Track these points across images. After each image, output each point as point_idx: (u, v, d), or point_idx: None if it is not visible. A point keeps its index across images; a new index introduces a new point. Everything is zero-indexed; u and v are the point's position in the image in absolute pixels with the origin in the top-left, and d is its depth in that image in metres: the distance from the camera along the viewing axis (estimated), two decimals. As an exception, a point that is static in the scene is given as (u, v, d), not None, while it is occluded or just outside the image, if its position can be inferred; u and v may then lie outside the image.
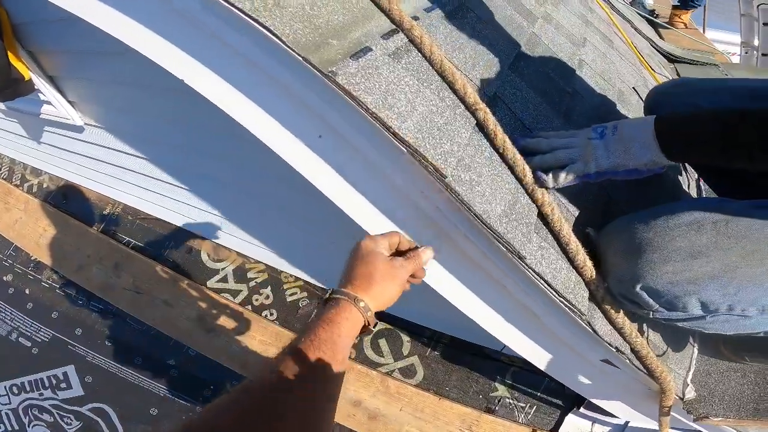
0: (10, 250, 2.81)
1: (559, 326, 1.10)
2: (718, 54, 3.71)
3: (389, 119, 0.79)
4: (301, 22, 0.84)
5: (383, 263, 0.77)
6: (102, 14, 0.99)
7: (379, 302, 0.76)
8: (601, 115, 1.53)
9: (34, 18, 1.82)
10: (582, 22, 2.22)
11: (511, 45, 1.35)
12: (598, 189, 1.29)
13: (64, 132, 2.41)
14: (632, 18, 3.72)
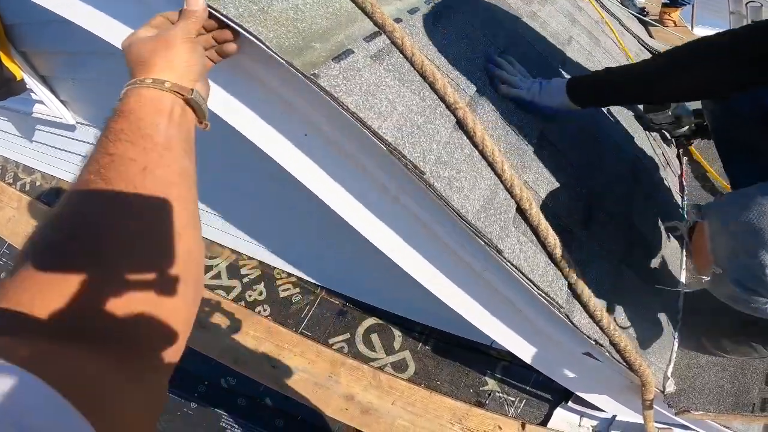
0: (4, 248, 2.84)
1: (541, 319, 1.14)
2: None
3: (369, 119, 0.82)
4: (284, 26, 0.87)
5: (147, 41, 0.66)
6: (91, 17, 1.02)
7: (174, 70, 0.64)
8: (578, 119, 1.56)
9: (27, 19, 1.84)
10: (569, 21, 2.24)
11: (494, 44, 1.38)
12: (578, 184, 1.32)
13: (56, 131, 2.44)
14: (621, 16, 3.75)
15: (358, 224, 1.04)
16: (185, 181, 0.58)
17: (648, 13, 4.66)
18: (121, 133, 0.53)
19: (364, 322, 2.10)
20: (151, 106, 0.58)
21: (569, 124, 1.46)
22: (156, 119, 0.57)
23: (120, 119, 0.56)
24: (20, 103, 2.33)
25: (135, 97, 0.59)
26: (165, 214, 0.52)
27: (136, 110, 0.57)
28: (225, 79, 0.94)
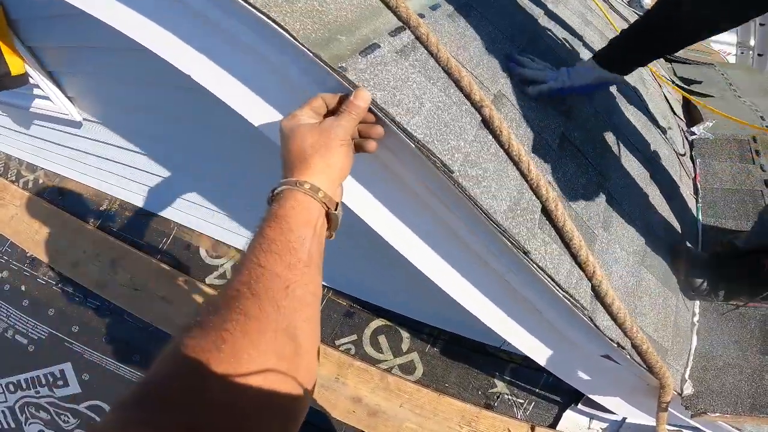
0: (6, 247, 2.80)
1: (560, 321, 1.11)
2: (714, 53, 3.74)
3: (398, 115, 0.79)
4: (310, 18, 0.85)
5: (309, 133, 0.69)
6: (110, 10, 0.99)
7: (328, 176, 0.68)
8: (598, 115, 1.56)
9: (34, 14, 1.82)
10: (581, 21, 2.23)
11: (514, 43, 1.37)
12: (598, 185, 1.30)
13: (61, 127, 2.41)
14: (630, 18, 3.74)
15: (375, 224, 1.01)
16: (316, 301, 0.62)
17: (656, 13, 4.66)
18: (272, 244, 0.59)
19: (372, 324, 2.08)
20: (302, 215, 0.63)
21: (588, 124, 1.44)
22: (303, 231, 0.62)
23: (274, 225, 0.61)
24: (20, 98, 2.30)
25: (291, 202, 0.64)
26: (295, 334, 0.57)
27: (288, 217, 0.62)
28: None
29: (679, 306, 1.43)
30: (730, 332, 1.47)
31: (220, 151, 1.79)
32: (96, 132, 2.24)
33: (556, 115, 1.28)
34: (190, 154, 1.96)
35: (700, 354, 1.42)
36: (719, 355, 1.43)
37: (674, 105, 2.52)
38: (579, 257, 1.01)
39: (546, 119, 1.23)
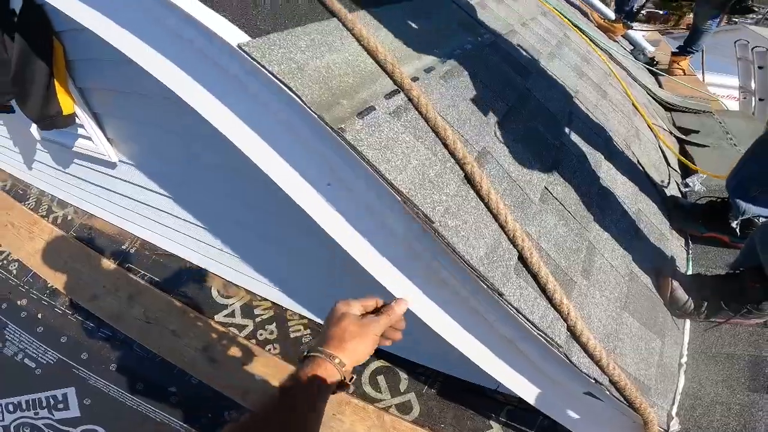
0: (29, 277, 2.94)
1: (542, 360, 1.19)
2: (714, 101, 3.83)
3: (387, 171, 0.92)
4: (318, 83, 1.00)
5: (354, 323, 0.86)
6: (154, 61, 1.15)
7: (352, 359, 0.84)
8: (583, 170, 1.66)
9: (88, 56, 1.98)
10: (576, 75, 2.37)
11: (503, 101, 1.50)
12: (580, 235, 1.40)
13: (96, 167, 2.58)
14: (631, 67, 3.87)
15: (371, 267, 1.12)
16: None
17: (657, 62, 4.76)
18: (299, 403, 0.75)
19: (371, 364, 2.15)
20: (326, 379, 0.78)
21: (573, 178, 1.56)
22: (323, 394, 0.78)
23: (297, 383, 0.78)
24: (64, 137, 2.46)
25: (320, 368, 0.79)
26: None
27: (315, 378, 0.78)
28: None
29: (665, 348, 1.49)
30: (718, 372, 1.53)
31: (238, 199, 1.94)
32: (128, 174, 2.40)
33: (540, 171, 1.40)
34: (211, 201, 2.12)
35: (687, 393, 1.47)
36: (707, 393, 1.48)
37: (670, 156, 2.60)
38: (554, 300, 1.10)
39: (529, 174, 1.35)
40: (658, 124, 2.92)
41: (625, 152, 2.13)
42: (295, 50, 1.05)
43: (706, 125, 3.18)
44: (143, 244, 2.81)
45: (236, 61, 1.02)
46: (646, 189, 2.02)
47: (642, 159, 2.22)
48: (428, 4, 1.77)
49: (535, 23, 2.75)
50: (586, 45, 3.31)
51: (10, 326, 2.78)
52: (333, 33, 1.19)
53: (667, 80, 4.25)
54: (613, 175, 1.86)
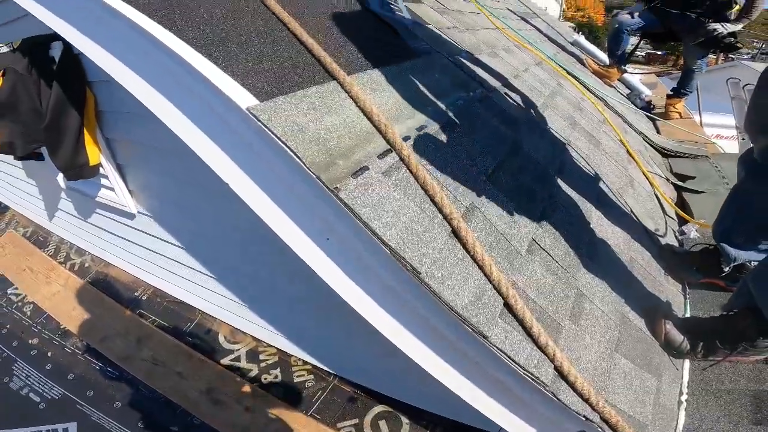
0: (42, 318, 3.05)
1: (533, 400, 1.23)
2: (710, 144, 3.92)
3: (378, 228, 1.02)
4: (317, 144, 1.12)
5: None
6: (174, 117, 1.28)
7: None
8: (573, 221, 1.75)
9: (118, 108, 2.11)
10: (568, 124, 2.48)
11: (493, 156, 1.61)
12: (567, 283, 1.47)
13: (116, 217, 2.72)
14: (627, 113, 3.98)
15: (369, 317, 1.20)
16: None
17: (654, 106, 4.87)
18: None
19: (374, 409, 2.19)
20: None
21: (562, 230, 1.64)
22: None
23: None
24: (88, 187, 2.59)
25: None
26: None
27: None
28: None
29: (662, 387, 1.53)
30: (720, 407, 1.57)
31: (246, 251, 2.05)
32: (146, 225, 2.54)
33: (527, 223, 1.49)
34: (222, 253, 2.24)
35: (689, 429, 1.52)
36: (709, 429, 1.53)
37: (666, 204, 2.67)
38: (539, 342, 1.16)
39: (516, 227, 1.44)
40: (654, 172, 3.00)
41: (618, 201, 2.21)
42: (298, 113, 1.17)
43: (702, 170, 3.26)
44: (155, 292, 2.93)
45: (244, 122, 1.14)
46: (639, 237, 2.09)
47: (636, 208, 2.30)
48: (426, 62, 1.91)
49: (529, 74, 2.89)
50: (580, 93, 3.44)
51: (19, 362, 2.86)
52: (332, 96, 1.31)
53: (663, 124, 4.35)
54: (605, 224, 1.94)
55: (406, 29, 2.13)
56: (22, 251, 3.62)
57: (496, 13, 4.24)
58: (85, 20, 1.35)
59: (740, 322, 1.55)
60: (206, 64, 1.18)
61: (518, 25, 4.73)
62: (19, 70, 2.07)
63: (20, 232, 3.83)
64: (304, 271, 1.20)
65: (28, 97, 2.11)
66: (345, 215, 1.05)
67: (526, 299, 1.28)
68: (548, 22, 6.59)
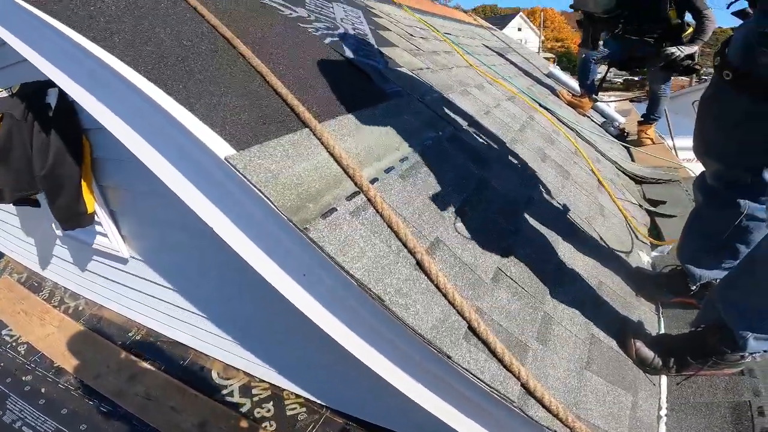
0: (36, 357, 3.12)
1: (505, 417, 1.29)
2: (681, 169, 4.07)
3: (344, 262, 1.13)
4: (289, 189, 1.24)
5: None
6: (160, 165, 1.39)
7: None
8: (540, 250, 1.85)
9: (112, 155, 2.19)
10: (539, 157, 2.61)
11: (459, 192, 1.73)
12: (534, 308, 1.57)
13: (108, 262, 2.80)
14: (600, 142, 4.13)
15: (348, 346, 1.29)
16: None
17: (628, 133, 5.04)
18: None
19: (358, 437, 2.25)
20: None
21: (528, 258, 1.74)
22: None
23: None
24: (84, 234, 2.66)
25: None
26: None
27: None
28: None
29: (639, 402, 1.59)
30: (701, 420, 1.63)
31: (236, 290, 2.14)
32: (138, 269, 2.62)
33: (493, 255, 1.60)
34: (214, 294, 2.33)
35: None
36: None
37: (639, 228, 2.79)
38: (504, 361, 1.25)
39: (481, 258, 1.55)
40: (626, 199, 3.13)
41: (587, 229, 2.31)
42: (272, 161, 1.29)
43: (673, 195, 3.40)
44: (149, 332, 2.99)
45: (223, 169, 1.25)
46: (608, 262, 2.18)
47: (606, 234, 2.40)
48: (396, 105, 2.04)
49: (500, 110, 3.04)
50: (553, 125, 3.60)
51: (12, 397, 2.90)
52: (304, 143, 1.44)
53: (637, 151, 4.52)
54: (573, 251, 2.04)
55: (378, 73, 2.26)
56: (17, 296, 3.68)
57: (471, 50, 4.44)
58: (77, 70, 1.48)
59: (708, 338, 1.62)
60: (187, 116, 1.30)
61: (493, 60, 4.93)
62: (15, 116, 2.10)
63: (15, 278, 3.90)
64: (288, 306, 1.29)
65: (22, 144, 2.14)
66: (316, 252, 1.16)
67: (491, 323, 1.37)
68: (524, 56, 6.86)
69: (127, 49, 1.44)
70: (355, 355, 1.29)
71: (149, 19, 1.64)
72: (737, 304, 1.53)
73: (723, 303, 1.58)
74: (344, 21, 2.89)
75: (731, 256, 1.79)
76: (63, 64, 1.51)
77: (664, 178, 3.74)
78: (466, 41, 5.04)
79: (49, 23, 1.43)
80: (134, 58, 1.41)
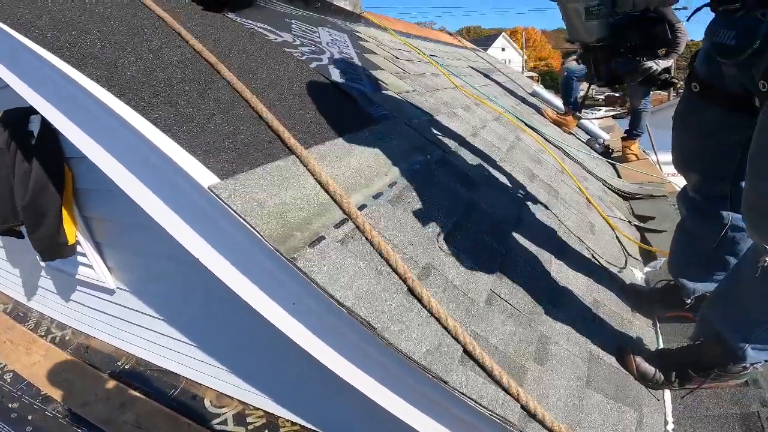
0: (22, 385, 3.06)
1: None
2: (668, 184, 4.11)
3: (334, 291, 1.11)
4: (275, 218, 1.21)
5: None
6: (143, 195, 1.36)
7: None
8: (532, 270, 1.84)
9: (95, 186, 2.16)
10: (527, 178, 2.62)
11: (449, 216, 1.72)
12: (530, 328, 1.55)
13: (94, 293, 2.76)
14: (586, 159, 4.16)
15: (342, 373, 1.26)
16: None
17: (613, 150, 5.08)
18: None
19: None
20: None
21: (521, 281, 1.72)
22: None
23: None
24: (68, 265, 2.63)
25: None
26: None
27: None
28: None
29: (644, 418, 1.57)
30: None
31: (228, 317, 2.10)
32: (125, 299, 2.58)
33: (485, 277, 1.59)
34: (203, 322, 2.29)
35: None
36: None
37: (628, 246, 2.79)
38: (501, 383, 1.22)
39: (473, 282, 1.53)
40: (615, 216, 3.14)
41: (579, 248, 2.31)
42: (257, 189, 1.27)
43: (661, 210, 3.41)
44: (138, 361, 2.92)
45: (207, 199, 1.23)
46: (602, 280, 2.18)
47: (597, 252, 2.40)
48: (383, 129, 2.03)
49: (487, 131, 3.06)
50: (539, 145, 3.63)
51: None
52: (290, 170, 1.42)
53: (623, 168, 4.55)
54: (566, 270, 2.03)
55: (364, 96, 2.27)
56: (2, 326, 3.61)
57: (457, 71, 4.48)
58: (55, 95, 1.46)
59: (708, 350, 1.62)
60: (170, 144, 1.29)
61: (479, 81, 4.98)
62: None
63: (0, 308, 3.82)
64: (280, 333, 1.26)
65: (6, 174, 2.10)
66: (304, 282, 1.14)
67: (487, 345, 1.35)
68: (508, 75, 6.94)
69: (110, 74, 1.43)
70: (347, 381, 1.26)
71: (131, 44, 1.63)
72: (728, 315, 1.53)
73: (715, 316, 1.59)
74: (330, 45, 2.91)
75: (722, 268, 1.79)
76: (44, 90, 1.49)
77: (651, 194, 3.76)
78: (452, 63, 5.10)
79: (28, 47, 1.42)
80: (116, 83, 1.40)
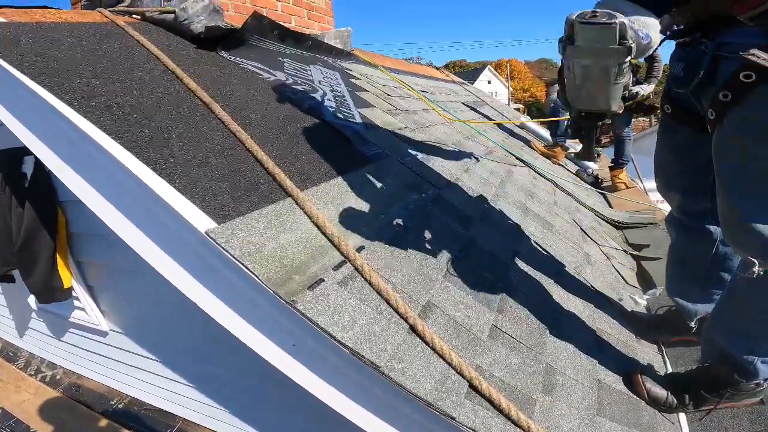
0: (11, 422, 3.00)
1: None
2: (659, 211, 4.14)
3: (335, 332, 1.11)
4: (273, 262, 1.21)
5: None
6: (138, 240, 1.36)
7: None
8: (533, 303, 1.84)
9: (88, 230, 2.14)
10: (521, 212, 2.64)
11: (447, 253, 1.73)
12: (535, 359, 1.53)
13: (87, 335, 2.72)
14: (577, 191, 4.20)
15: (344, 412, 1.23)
16: None
17: (602, 180, 5.13)
18: None
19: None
20: None
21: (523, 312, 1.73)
22: None
23: None
24: (61, 308, 2.60)
25: None
26: None
27: None
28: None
29: None
30: None
31: (223, 358, 2.08)
32: (118, 340, 2.55)
33: (486, 312, 1.58)
34: (197, 363, 2.26)
35: None
36: None
37: (626, 274, 2.81)
38: (510, 416, 1.21)
39: (475, 318, 1.53)
40: (610, 245, 3.16)
41: (577, 278, 2.31)
42: (254, 233, 1.28)
43: (655, 238, 3.43)
44: (132, 401, 2.85)
45: (204, 244, 1.23)
46: (604, 308, 2.17)
47: (596, 282, 2.40)
48: (378, 168, 2.06)
49: (479, 166, 3.10)
50: (531, 178, 3.67)
51: None
52: (287, 213, 1.43)
53: (614, 198, 4.59)
54: (566, 301, 2.03)
55: (358, 135, 2.30)
56: (-9, 365, 3.55)
57: (447, 106, 4.56)
58: (52, 135, 1.46)
59: (719, 370, 1.59)
60: (166, 188, 1.29)
61: (468, 115, 5.07)
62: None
63: (-11, 348, 3.76)
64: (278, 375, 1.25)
65: (2, 217, 2.09)
66: (304, 323, 1.13)
67: (493, 379, 1.34)
68: (496, 108, 7.07)
69: (104, 113, 1.44)
70: (352, 420, 1.24)
71: (126, 84, 1.65)
72: (731, 331, 1.53)
73: (718, 333, 1.58)
74: (322, 83, 2.96)
75: (718, 285, 1.80)
76: (38, 129, 1.49)
77: (643, 222, 3.79)
78: (441, 97, 5.19)
79: (24, 83, 1.43)
80: (110, 123, 1.41)
